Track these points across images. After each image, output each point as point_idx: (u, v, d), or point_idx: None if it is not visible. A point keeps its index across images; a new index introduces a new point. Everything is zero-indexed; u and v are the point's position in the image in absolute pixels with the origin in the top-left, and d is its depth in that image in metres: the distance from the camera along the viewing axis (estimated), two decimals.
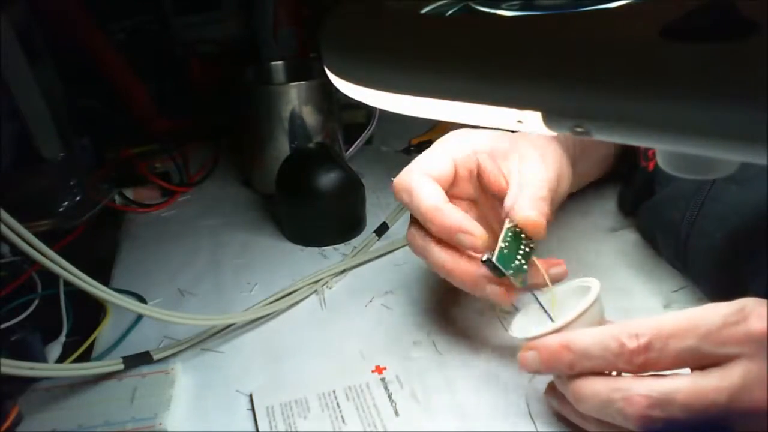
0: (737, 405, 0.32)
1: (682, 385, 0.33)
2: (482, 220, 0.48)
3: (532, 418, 0.42)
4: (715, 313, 0.33)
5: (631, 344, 0.34)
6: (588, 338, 0.36)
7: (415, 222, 0.46)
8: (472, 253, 0.44)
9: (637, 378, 0.35)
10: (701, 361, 0.34)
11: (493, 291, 0.43)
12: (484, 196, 0.49)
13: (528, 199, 0.43)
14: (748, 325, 0.32)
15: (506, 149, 0.48)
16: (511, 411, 0.43)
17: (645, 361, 0.34)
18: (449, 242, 0.44)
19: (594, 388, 0.36)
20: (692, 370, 0.35)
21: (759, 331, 0.32)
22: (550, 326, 0.38)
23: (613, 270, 0.55)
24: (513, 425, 0.42)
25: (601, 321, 0.39)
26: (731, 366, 0.33)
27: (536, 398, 0.43)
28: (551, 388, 0.41)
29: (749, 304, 0.33)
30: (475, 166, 0.47)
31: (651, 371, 0.35)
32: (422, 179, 0.45)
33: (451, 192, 0.47)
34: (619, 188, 0.64)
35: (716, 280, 0.47)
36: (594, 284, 0.40)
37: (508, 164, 0.48)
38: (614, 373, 0.36)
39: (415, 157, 0.79)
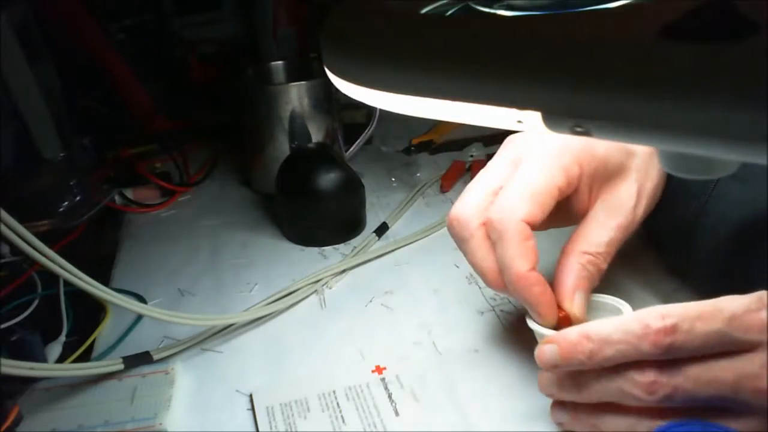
0: (750, 386, 0.32)
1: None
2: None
3: (532, 419, 0.42)
4: (735, 300, 0.33)
5: (657, 324, 0.33)
6: (609, 325, 0.35)
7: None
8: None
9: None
10: (726, 347, 0.33)
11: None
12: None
13: (575, 284, 0.41)
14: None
15: (611, 171, 0.44)
16: (512, 411, 0.43)
17: (672, 343, 0.33)
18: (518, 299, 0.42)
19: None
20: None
21: None
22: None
23: (612, 271, 0.55)
24: (513, 425, 0.42)
25: None
26: (750, 355, 0.33)
27: (536, 398, 0.43)
28: (557, 406, 0.40)
29: (765, 295, 0.33)
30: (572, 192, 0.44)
31: (676, 356, 0.34)
32: (518, 231, 0.40)
33: None
34: None
35: (719, 279, 0.47)
36: (626, 309, 0.40)
37: (600, 191, 0.44)
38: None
39: (414, 157, 0.80)
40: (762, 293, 0.33)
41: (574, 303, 0.41)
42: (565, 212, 0.44)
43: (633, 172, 0.45)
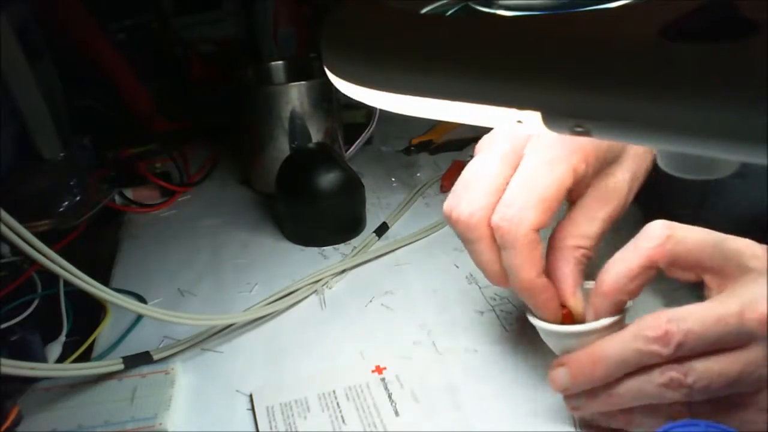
0: (748, 317, 0.33)
1: (696, 306, 0.35)
2: None
3: (532, 418, 0.42)
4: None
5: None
6: (623, 257, 0.37)
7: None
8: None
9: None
10: (717, 267, 0.35)
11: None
12: None
13: (572, 277, 0.41)
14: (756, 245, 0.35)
15: (610, 160, 0.43)
16: (512, 411, 0.43)
17: (673, 255, 0.35)
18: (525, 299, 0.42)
19: (619, 335, 0.36)
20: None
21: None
22: (574, 328, 0.38)
23: None
24: (513, 425, 0.42)
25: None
26: (735, 285, 0.34)
27: (536, 398, 0.43)
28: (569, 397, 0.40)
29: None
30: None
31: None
32: (529, 242, 0.39)
33: None
34: None
35: None
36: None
37: (594, 178, 0.43)
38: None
39: (414, 157, 0.80)
40: None
41: (576, 300, 0.41)
42: None
43: (630, 157, 0.44)
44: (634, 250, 0.37)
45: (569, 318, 0.40)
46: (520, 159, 0.41)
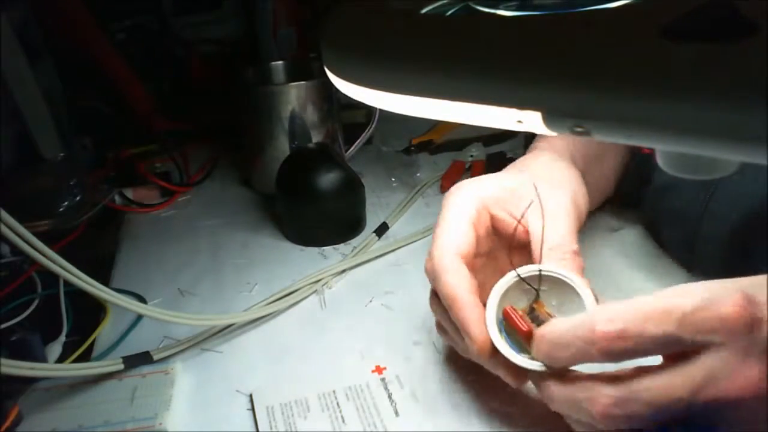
0: (701, 398, 0.31)
1: (645, 382, 0.33)
2: (497, 268, 0.47)
3: (531, 419, 0.42)
4: (692, 294, 0.32)
5: (606, 328, 0.32)
6: (562, 327, 0.35)
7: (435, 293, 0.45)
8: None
9: (600, 379, 0.34)
10: (678, 348, 0.32)
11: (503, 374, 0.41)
12: (496, 242, 0.47)
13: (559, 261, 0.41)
14: (720, 310, 0.30)
15: (513, 189, 0.46)
16: (511, 411, 0.43)
17: (622, 350, 0.32)
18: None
19: (560, 388, 0.35)
20: (667, 358, 0.34)
21: (732, 316, 0.30)
22: (527, 363, 0.37)
23: (613, 270, 0.55)
24: (513, 425, 0.42)
25: None
26: (697, 358, 0.32)
27: (535, 398, 0.43)
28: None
29: (727, 286, 0.32)
30: (490, 220, 0.46)
31: (628, 359, 0.33)
32: (449, 263, 0.42)
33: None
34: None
35: (729, 263, 0.47)
36: (577, 282, 0.39)
37: (520, 206, 0.45)
38: (592, 368, 0.35)
39: (414, 157, 0.80)
40: (722, 284, 0.32)
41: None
42: (507, 243, 0.46)
43: (540, 182, 0.45)
44: (579, 338, 0.34)
45: (530, 336, 0.38)
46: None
